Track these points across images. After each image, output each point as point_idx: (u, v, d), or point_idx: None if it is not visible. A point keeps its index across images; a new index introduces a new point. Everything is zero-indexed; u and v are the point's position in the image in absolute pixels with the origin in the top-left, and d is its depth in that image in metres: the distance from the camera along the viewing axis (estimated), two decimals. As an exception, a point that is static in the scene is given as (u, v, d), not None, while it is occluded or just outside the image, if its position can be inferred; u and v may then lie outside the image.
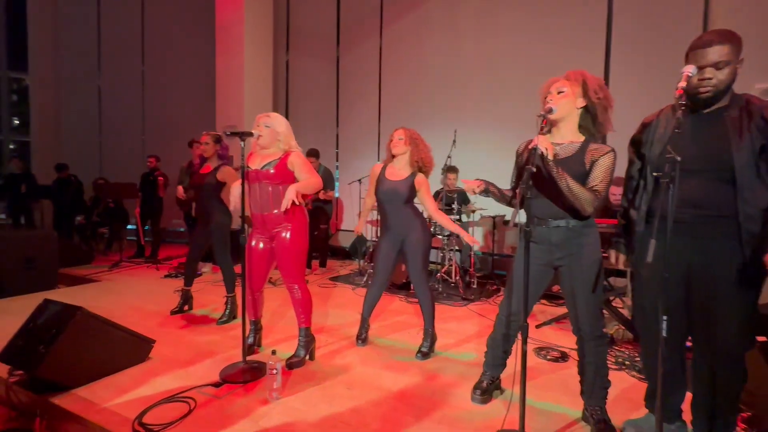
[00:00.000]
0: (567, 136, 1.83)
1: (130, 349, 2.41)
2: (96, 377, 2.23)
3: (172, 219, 7.45)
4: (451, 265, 4.47)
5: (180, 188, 4.35)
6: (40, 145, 9.11)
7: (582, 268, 1.78)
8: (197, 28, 7.82)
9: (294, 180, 2.45)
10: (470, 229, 4.79)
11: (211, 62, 6.78)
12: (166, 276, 4.82)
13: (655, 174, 1.63)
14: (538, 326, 3.23)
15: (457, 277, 4.33)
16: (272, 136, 2.38)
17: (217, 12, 6.57)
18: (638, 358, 2.60)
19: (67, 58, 9.35)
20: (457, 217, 4.53)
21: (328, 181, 5.09)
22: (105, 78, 9.27)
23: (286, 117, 7.18)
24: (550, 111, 1.74)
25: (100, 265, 5.38)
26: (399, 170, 2.60)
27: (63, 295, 3.97)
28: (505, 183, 2.11)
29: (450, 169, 4.74)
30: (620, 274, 3.66)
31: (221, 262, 3.32)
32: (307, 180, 2.34)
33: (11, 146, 10.86)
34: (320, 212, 5.05)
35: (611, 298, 3.40)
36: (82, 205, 6.98)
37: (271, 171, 2.35)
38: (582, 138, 1.82)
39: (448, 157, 4.21)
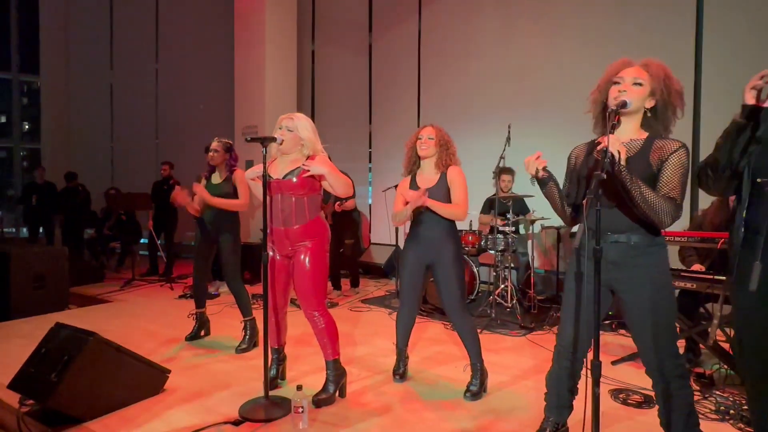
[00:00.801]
0: (628, 133, 1.77)
1: (144, 379, 2.55)
2: (109, 410, 2.38)
3: (186, 232, 7.83)
4: (506, 287, 4.40)
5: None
6: (51, 153, 9.85)
7: (645, 295, 1.71)
8: (214, 19, 8.23)
9: (320, 187, 2.52)
10: (528, 243, 4.71)
11: (230, 56, 7.10)
12: (180, 297, 5.08)
13: (759, 180, 1.55)
14: (614, 363, 3.11)
15: (514, 301, 4.26)
16: (295, 140, 2.45)
17: (235, -1, 6.86)
18: (746, 407, 2.44)
19: (79, 57, 10.09)
20: (513, 228, 4.46)
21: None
22: (117, 76, 9.93)
23: (312, 114, 7.40)
24: (624, 105, 1.70)
25: (112, 283, 5.75)
26: (429, 175, 2.61)
27: (74, 317, 4.26)
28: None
29: (504, 171, 4.69)
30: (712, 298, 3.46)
31: (232, 282, 3.44)
32: (338, 174, 2.39)
33: (21, 153, 11.82)
34: (344, 224, 5.12)
35: (708, 329, 3.22)
36: (90, 217, 7.46)
37: (294, 180, 2.42)
38: (645, 133, 1.77)
39: (501, 157, 4.17)
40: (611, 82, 1.77)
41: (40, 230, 7.38)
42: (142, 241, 7.16)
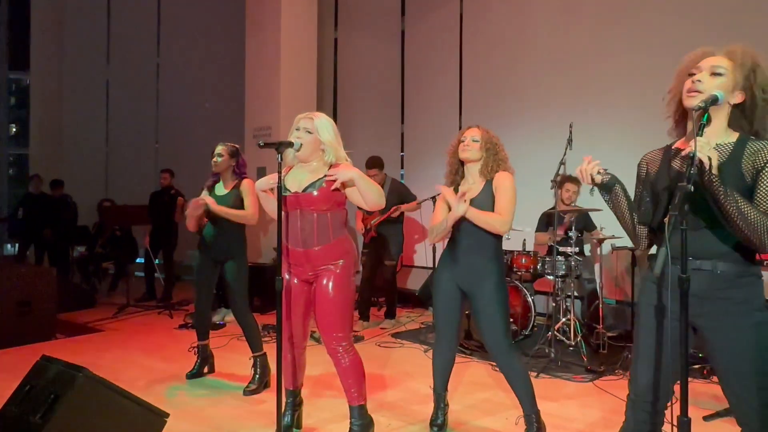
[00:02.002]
0: (714, 135, 1.72)
1: (139, 424, 2.60)
2: (98, 459, 2.43)
3: (188, 250, 8.02)
4: (568, 320, 4.31)
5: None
6: (40, 158, 10.29)
7: (736, 336, 1.64)
8: (222, 6, 8.53)
9: (345, 201, 2.54)
10: (596, 267, 4.61)
11: (240, 47, 7.29)
12: (181, 326, 5.19)
13: None
14: (706, 418, 2.99)
15: (578, 338, 4.16)
16: (314, 145, 2.48)
17: (247, -18, 7.05)
18: None
19: (73, 49, 10.52)
20: (576, 248, 4.38)
21: (405, 193, 5.20)
22: (114, 71, 10.34)
23: (334, 113, 7.51)
24: (716, 100, 1.66)
25: (104, 310, 5.93)
26: (473, 185, 2.60)
27: (62, 348, 4.41)
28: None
29: (568, 180, 4.62)
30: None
31: (239, 311, 3.49)
32: (369, 180, 2.41)
33: (9, 159, 12.44)
34: (387, 241, 5.12)
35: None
36: (80, 232, 7.71)
37: (315, 194, 2.45)
38: (734, 135, 1.71)
39: (562, 163, 4.11)
40: (687, 74, 1.74)
41: (30, 247, 7.62)
42: (138, 261, 7.37)
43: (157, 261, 6.62)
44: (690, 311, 1.73)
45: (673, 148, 1.83)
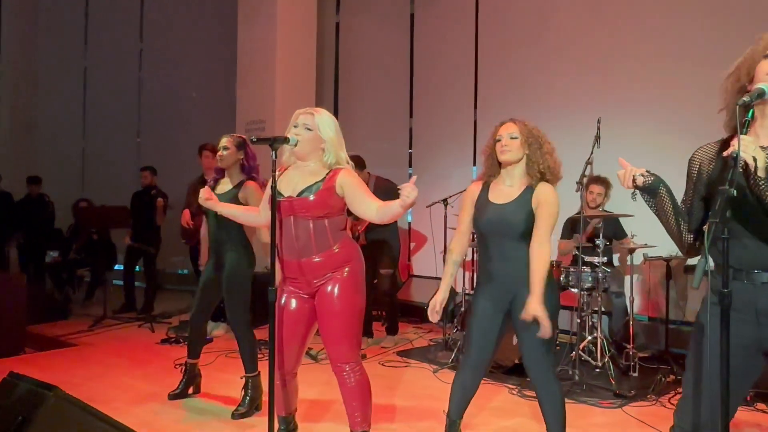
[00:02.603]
0: (764, 134, 1.70)
1: (115, 449, 2.60)
2: (70, 488, 2.43)
3: (171, 257, 8.05)
4: (594, 338, 4.29)
5: (187, 213, 4.66)
6: (8, 153, 10.30)
7: None
8: (214, -14, 8.53)
9: (344, 207, 2.53)
10: (626, 279, 4.58)
11: (231, 32, 7.31)
12: (164, 341, 5.18)
13: None
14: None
15: (606, 359, 4.14)
16: (314, 143, 2.48)
17: (239, -40, 7.07)
18: None
19: (47, 33, 10.54)
20: (604, 258, 4.36)
21: (394, 189, 5.15)
22: (93, 58, 10.37)
23: (335, 106, 7.52)
24: (762, 94, 1.65)
25: (78, 321, 5.94)
26: (509, 188, 2.58)
27: (31, 364, 4.42)
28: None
29: (595, 181, 4.60)
30: None
31: (237, 326, 3.49)
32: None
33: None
34: (381, 248, 5.11)
35: None
36: (54, 235, 7.74)
37: (311, 198, 2.44)
38: None
39: (588, 163, 4.10)
40: (764, 55, 1.70)
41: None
42: (117, 268, 7.39)
43: (137, 268, 6.65)
44: (760, 333, 1.71)
45: (730, 142, 1.81)
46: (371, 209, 2.44)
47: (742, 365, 1.75)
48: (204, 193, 2.79)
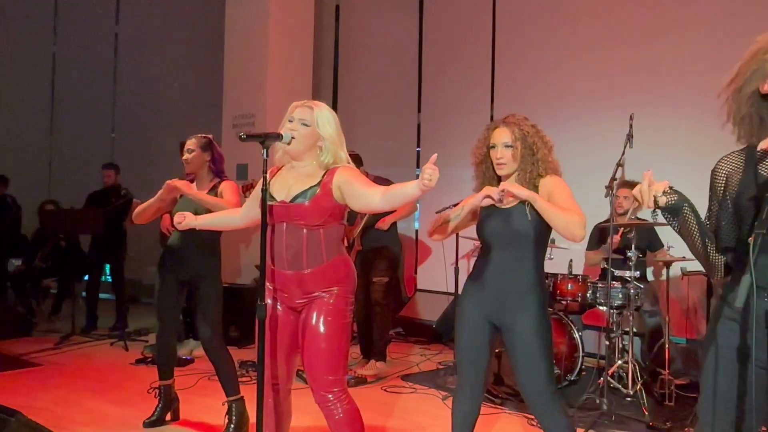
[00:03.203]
0: None
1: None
2: None
3: (148, 266, 8.03)
4: (625, 363, 4.28)
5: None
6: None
7: None
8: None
9: (343, 214, 2.53)
10: (662, 295, 4.55)
11: (218, 14, 7.34)
12: (138, 361, 5.18)
13: None
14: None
15: (638, 386, 4.14)
16: (311, 140, 2.49)
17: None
18: None
19: (12, 15, 10.55)
20: (637, 272, 4.35)
21: None
22: (63, 43, 10.36)
23: (334, 97, 7.53)
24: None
25: (44, 338, 5.93)
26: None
27: (-11, 386, 4.43)
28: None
29: (624, 184, 4.60)
30: None
31: (210, 345, 3.47)
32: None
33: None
34: (378, 255, 5.10)
35: None
36: (18, 242, 7.73)
37: (306, 204, 2.45)
38: None
39: (619, 165, 4.09)
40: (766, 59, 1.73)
41: None
42: (87, 278, 7.38)
43: (106, 278, 6.64)
44: None
45: (759, 150, 1.82)
46: (374, 198, 2.40)
47: (764, 387, 1.76)
48: (178, 217, 2.82)
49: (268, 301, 2.55)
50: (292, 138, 2.45)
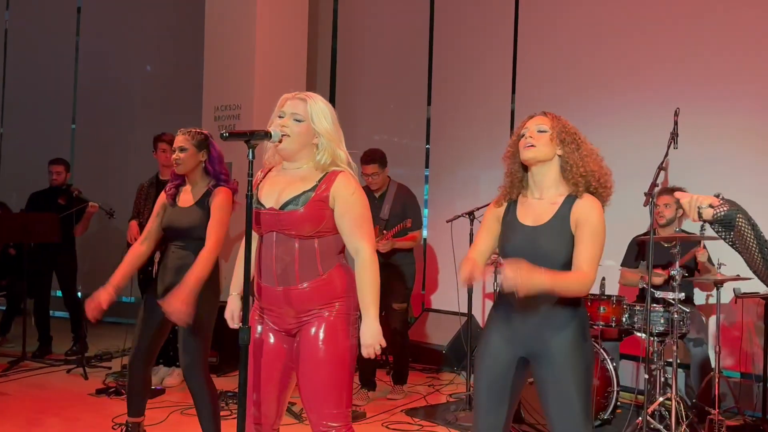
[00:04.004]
0: None
1: None
2: None
3: (102, 281, 7.97)
4: (668, 400, 4.28)
5: (134, 225, 4.71)
6: None
7: None
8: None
9: (335, 227, 2.52)
10: (710, 321, 4.55)
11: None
12: (99, 392, 5.16)
13: None
14: None
15: (683, 427, 4.15)
16: (305, 138, 2.49)
17: None
18: None
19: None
20: (682, 294, 4.35)
21: (412, 207, 5.30)
22: (16, 18, 10.29)
23: (331, 91, 7.55)
24: None
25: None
26: (538, 202, 2.59)
27: (-73, 417, 4.45)
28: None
29: (664, 191, 4.61)
30: None
31: (193, 376, 3.45)
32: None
33: None
34: (393, 274, 5.13)
35: None
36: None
37: (300, 211, 2.46)
38: None
39: (661, 168, 4.11)
40: None
41: None
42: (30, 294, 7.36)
43: (57, 293, 6.62)
44: None
45: None
46: (357, 251, 2.48)
47: None
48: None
49: (256, 326, 2.57)
50: (283, 136, 2.45)
